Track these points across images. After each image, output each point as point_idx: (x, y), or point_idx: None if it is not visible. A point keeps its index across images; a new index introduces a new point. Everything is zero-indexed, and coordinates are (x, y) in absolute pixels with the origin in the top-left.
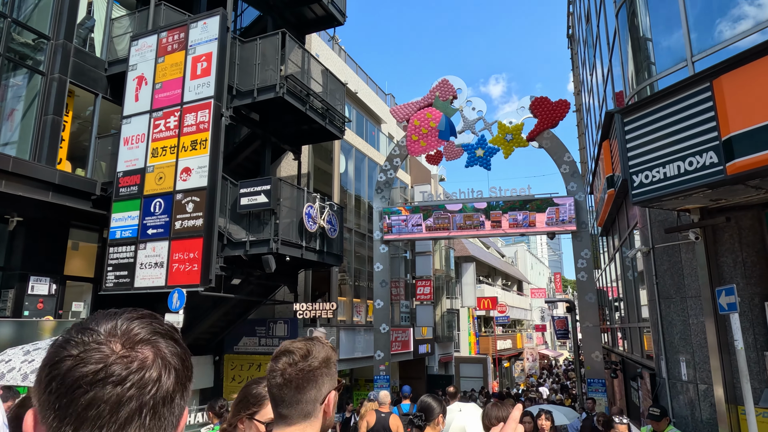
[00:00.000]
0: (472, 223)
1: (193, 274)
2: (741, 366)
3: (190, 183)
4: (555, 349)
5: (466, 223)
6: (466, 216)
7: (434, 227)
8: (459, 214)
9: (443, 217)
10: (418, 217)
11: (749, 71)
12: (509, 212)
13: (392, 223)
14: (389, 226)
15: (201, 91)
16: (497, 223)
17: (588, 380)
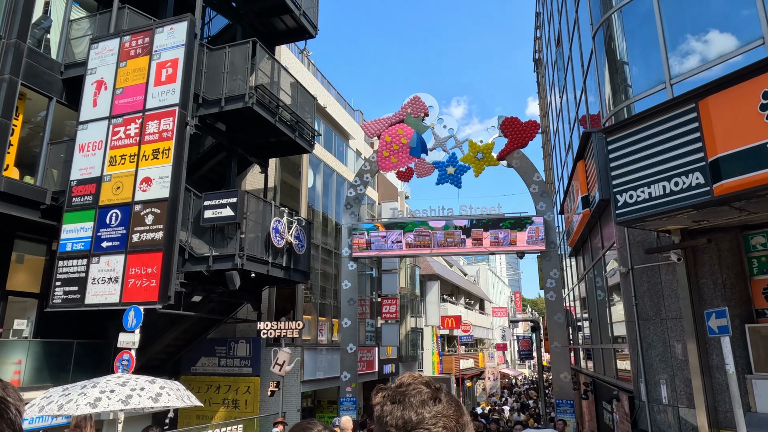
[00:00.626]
0: (453, 240)
1: (151, 291)
2: (732, 390)
3: (150, 194)
4: (515, 367)
5: (447, 241)
6: (447, 233)
7: (415, 244)
8: (440, 231)
9: (424, 234)
10: (398, 234)
11: (735, 93)
12: (491, 230)
13: (371, 239)
14: (368, 242)
15: (165, 98)
16: (478, 241)
17: (556, 401)
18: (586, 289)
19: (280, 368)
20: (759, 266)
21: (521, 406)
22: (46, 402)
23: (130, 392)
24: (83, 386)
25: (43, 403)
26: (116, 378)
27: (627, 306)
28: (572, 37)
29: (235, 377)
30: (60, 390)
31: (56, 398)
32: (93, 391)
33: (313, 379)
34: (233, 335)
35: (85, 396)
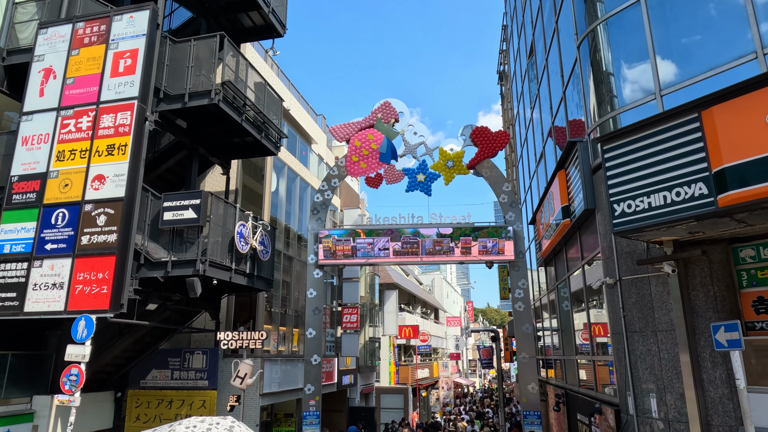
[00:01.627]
0: (442, 248)
1: (101, 298)
2: (744, 406)
3: (103, 192)
4: (467, 377)
5: (435, 249)
6: (436, 241)
7: (402, 252)
8: (429, 239)
9: (412, 241)
10: (385, 241)
11: (742, 103)
12: (480, 239)
13: (357, 245)
14: (354, 248)
15: (122, 91)
16: (467, 249)
17: (524, 413)
18: (557, 299)
19: (242, 381)
20: (748, 279)
21: (477, 415)
22: None
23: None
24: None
25: None
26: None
27: (613, 318)
28: (549, 48)
29: (190, 391)
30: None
31: None
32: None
33: (273, 392)
34: (188, 346)
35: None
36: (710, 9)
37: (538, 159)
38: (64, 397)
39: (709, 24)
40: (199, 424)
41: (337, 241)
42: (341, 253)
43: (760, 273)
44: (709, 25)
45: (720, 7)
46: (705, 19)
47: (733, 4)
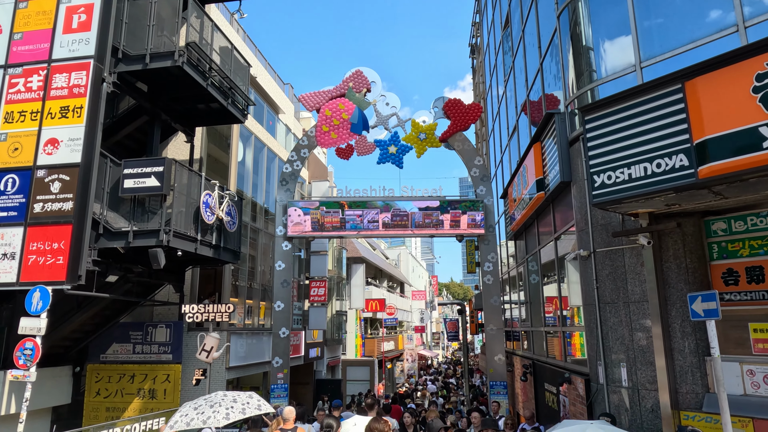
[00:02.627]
0: (432, 221)
1: (57, 269)
2: (717, 374)
3: (57, 158)
4: (431, 349)
5: (425, 222)
6: (426, 214)
7: (392, 224)
8: (420, 212)
9: (402, 214)
10: (375, 213)
11: (727, 74)
12: (468, 212)
13: (347, 217)
14: (343, 220)
15: (77, 49)
16: (456, 222)
17: (490, 383)
18: (526, 272)
19: (208, 354)
20: (719, 251)
21: (443, 385)
22: (189, 418)
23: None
24: (212, 405)
25: (187, 419)
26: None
27: (586, 289)
28: (527, 18)
29: (153, 365)
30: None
31: (194, 415)
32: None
33: (239, 365)
34: (150, 319)
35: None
36: None
37: (511, 133)
38: (19, 372)
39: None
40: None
41: (326, 213)
42: (330, 225)
43: (730, 245)
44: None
45: None
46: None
47: None
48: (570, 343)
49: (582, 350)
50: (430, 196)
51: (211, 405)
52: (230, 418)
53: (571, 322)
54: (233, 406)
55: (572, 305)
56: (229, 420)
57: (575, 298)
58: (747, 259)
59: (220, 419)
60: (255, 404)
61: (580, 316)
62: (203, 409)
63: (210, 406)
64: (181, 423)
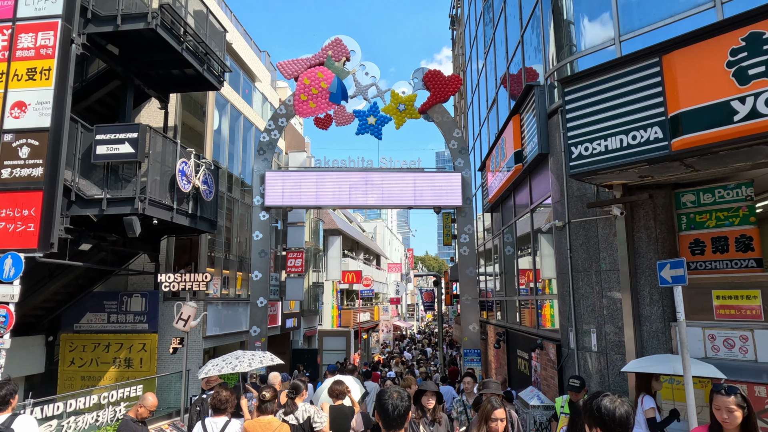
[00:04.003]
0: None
1: (28, 236)
2: (681, 337)
3: (24, 122)
4: (405, 320)
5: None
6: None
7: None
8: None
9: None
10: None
11: (702, 48)
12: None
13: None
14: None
15: (43, 7)
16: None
17: (464, 351)
18: (501, 244)
19: (185, 324)
20: (687, 222)
21: (420, 353)
22: (219, 367)
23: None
24: (237, 357)
25: (217, 368)
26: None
27: (560, 259)
28: None
29: (129, 334)
30: (220, 360)
31: (223, 365)
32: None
33: (216, 334)
34: (125, 288)
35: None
36: None
37: (490, 105)
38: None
39: None
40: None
41: (263, 182)
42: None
43: (698, 217)
44: None
45: None
46: None
47: None
48: (541, 314)
49: (552, 320)
50: (408, 168)
51: (236, 357)
52: (252, 366)
53: (542, 293)
54: (253, 357)
55: (545, 277)
56: (251, 367)
57: (548, 270)
58: (713, 230)
59: (245, 366)
60: (269, 357)
61: (551, 287)
62: (229, 360)
63: (236, 358)
64: (213, 370)
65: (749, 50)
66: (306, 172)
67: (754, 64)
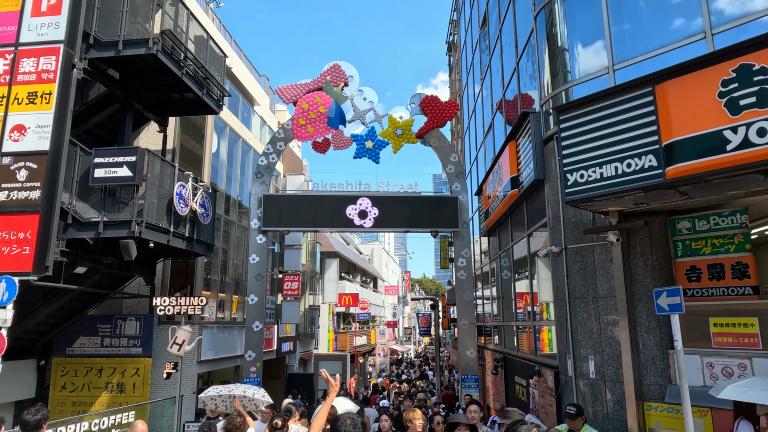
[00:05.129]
0: None
1: (23, 259)
2: (680, 366)
3: (24, 145)
4: (402, 344)
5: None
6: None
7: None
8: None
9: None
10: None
11: (694, 79)
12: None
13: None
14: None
15: (46, 33)
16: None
17: (462, 376)
18: (498, 268)
19: (179, 348)
20: (683, 249)
21: (420, 375)
22: (217, 391)
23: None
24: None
25: (216, 391)
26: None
27: (557, 285)
28: (504, 18)
29: (122, 358)
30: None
31: (222, 389)
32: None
33: (211, 359)
34: (119, 312)
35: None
36: None
37: (486, 130)
38: None
39: (661, 3)
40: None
41: (261, 205)
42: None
43: (694, 244)
44: (661, 5)
45: None
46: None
47: None
48: (539, 338)
49: (550, 345)
50: (405, 192)
51: (235, 385)
52: (246, 394)
53: (540, 318)
54: (248, 389)
55: (542, 301)
56: (245, 394)
57: (545, 294)
58: (709, 257)
59: (240, 391)
60: (261, 393)
61: (549, 311)
62: (229, 386)
63: (234, 386)
64: (212, 392)
65: (740, 81)
66: (303, 194)
67: (745, 95)
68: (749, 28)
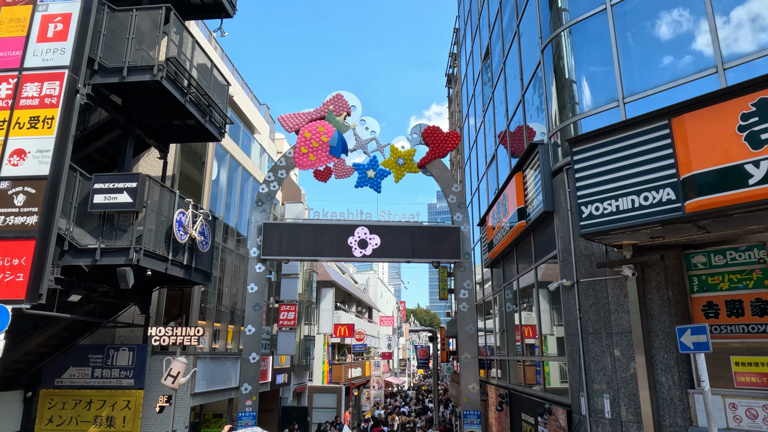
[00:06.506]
0: None
1: (16, 286)
2: (708, 408)
3: (23, 169)
4: (397, 376)
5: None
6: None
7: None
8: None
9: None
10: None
11: (713, 112)
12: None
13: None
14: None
15: (51, 59)
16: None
17: (464, 412)
18: (503, 300)
19: (174, 380)
20: (699, 284)
21: (422, 410)
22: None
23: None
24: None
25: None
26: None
27: (569, 319)
28: (508, 51)
29: (113, 391)
30: None
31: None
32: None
33: (204, 391)
34: (111, 341)
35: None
36: (673, 23)
37: (489, 161)
38: None
39: (672, 38)
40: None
41: (261, 233)
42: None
43: (710, 279)
44: (672, 39)
45: (683, 22)
46: (668, 32)
47: (697, 20)
48: (548, 375)
49: (548, 379)
50: (407, 222)
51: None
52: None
53: (539, 351)
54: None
55: (544, 333)
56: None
57: (553, 329)
58: (727, 293)
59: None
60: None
61: (547, 345)
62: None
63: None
64: None
65: (760, 115)
66: (304, 223)
67: (766, 129)
68: (761, 63)
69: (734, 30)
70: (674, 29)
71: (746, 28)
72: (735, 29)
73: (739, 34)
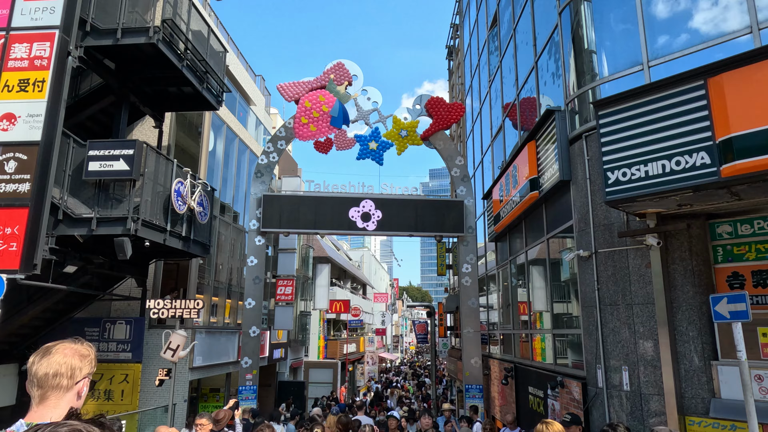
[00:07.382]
0: None
1: (10, 256)
2: (744, 378)
3: (13, 134)
4: (390, 352)
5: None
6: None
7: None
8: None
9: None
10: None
11: (755, 70)
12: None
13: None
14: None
15: (40, 18)
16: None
17: (466, 386)
18: (509, 274)
19: (173, 353)
20: (724, 254)
21: (418, 384)
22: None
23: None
24: None
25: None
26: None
27: (586, 291)
28: (519, 17)
29: (110, 364)
30: None
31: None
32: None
33: (203, 365)
34: (108, 315)
35: None
36: None
37: (495, 133)
38: None
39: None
40: None
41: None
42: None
43: (736, 249)
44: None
45: None
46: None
47: None
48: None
49: (543, 354)
50: (410, 195)
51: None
52: None
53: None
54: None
55: (535, 310)
56: None
57: (538, 303)
58: (753, 263)
59: None
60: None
61: (542, 320)
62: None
63: None
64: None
65: None
66: (305, 195)
67: None
68: None
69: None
70: None
71: None
72: None
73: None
